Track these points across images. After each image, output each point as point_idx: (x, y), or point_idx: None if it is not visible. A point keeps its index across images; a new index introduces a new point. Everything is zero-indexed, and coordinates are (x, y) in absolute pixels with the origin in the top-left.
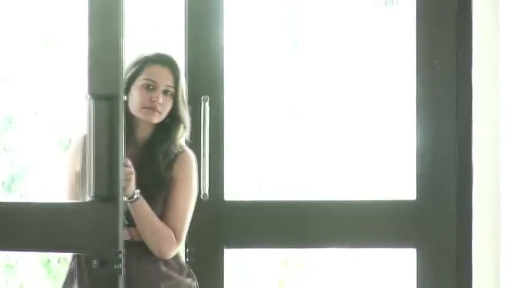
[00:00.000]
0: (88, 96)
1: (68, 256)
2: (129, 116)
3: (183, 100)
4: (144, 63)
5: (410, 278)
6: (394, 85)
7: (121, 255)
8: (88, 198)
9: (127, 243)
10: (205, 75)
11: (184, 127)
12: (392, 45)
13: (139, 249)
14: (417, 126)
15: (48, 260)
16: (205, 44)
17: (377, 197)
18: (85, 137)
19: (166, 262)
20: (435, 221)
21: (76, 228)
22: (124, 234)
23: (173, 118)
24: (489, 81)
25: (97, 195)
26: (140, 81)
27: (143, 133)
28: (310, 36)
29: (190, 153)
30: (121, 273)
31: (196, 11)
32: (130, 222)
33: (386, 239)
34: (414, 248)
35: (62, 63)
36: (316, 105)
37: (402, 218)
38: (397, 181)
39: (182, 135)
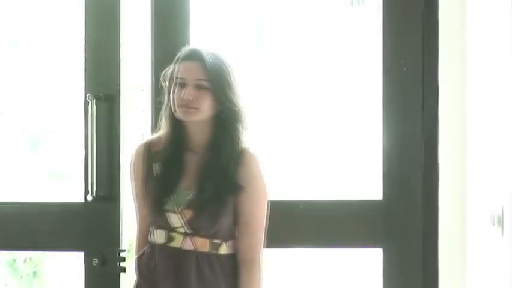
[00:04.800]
0: (88, 97)
1: (35, 256)
2: (179, 121)
3: (228, 94)
4: (177, 62)
5: (377, 277)
6: (361, 85)
7: (123, 254)
8: (90, 198)
9: (189, 253)
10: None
11: (239, 123)
12: (359, 45)
13: (202, 260)
14: (383, 126)
15: (14, 260)
16: (171, 45)
17: (343, 197)
18: None
19: (228, 279)
20: (401, 221)
21: (78, 227)
22: (187, 244)
23: (223, 115)
24: (455, 81)
25: (97, 195)
26: (175, 80)
27: (199, 135)
28: (277, 36)
29: (252, 153)
30: (124, 272)
31: (162, 12)
32: (194, 231)
33: (353, 239)
34: (381, 247)
35: (28, 63)
36: (283, 105)
37: (369, 218)
38: (364, 181)
39: (241, 133)
